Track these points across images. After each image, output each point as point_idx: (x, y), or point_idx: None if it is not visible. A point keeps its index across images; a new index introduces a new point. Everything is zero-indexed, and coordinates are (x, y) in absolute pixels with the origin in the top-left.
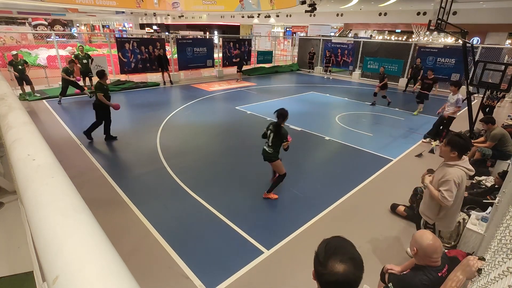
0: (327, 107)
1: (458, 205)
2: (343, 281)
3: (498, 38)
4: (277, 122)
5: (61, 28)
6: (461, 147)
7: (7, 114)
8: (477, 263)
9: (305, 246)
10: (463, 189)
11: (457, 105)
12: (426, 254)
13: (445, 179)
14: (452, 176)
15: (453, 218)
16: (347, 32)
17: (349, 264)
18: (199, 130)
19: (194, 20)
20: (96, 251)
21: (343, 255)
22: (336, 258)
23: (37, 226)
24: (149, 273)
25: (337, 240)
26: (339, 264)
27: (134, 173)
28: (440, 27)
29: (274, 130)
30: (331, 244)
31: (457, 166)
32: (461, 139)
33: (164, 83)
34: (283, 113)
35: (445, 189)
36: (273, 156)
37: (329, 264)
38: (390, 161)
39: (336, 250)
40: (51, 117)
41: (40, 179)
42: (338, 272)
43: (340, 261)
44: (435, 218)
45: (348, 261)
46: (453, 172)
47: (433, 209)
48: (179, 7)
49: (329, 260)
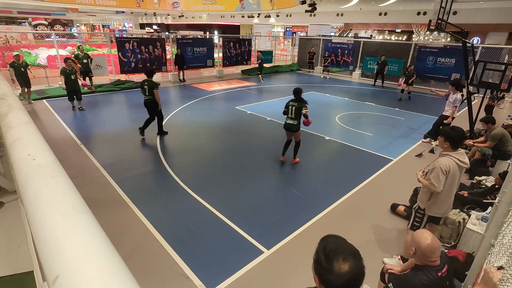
0: (327, 107)
1: (448, 191)
2: (351, 278)
3: (498, 38)
4: (296, 96)
5: (61, 28)
6: (452, 138)
7: (8, 113)
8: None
9: (305, 246)
10: (456, 179)
11: (454, 105)
12: (424, 254)
13: (433, 167)
14: (439, 164)
15: (444, 204)
16: (347, 32)
17: (352, 260)
18: (199, 130)
19: (194, 20)
20: (96, 251)
21: (343, 254)
22: (338, 259)
23: (37, 226)
24: (149, 273)
25: (332, 241)
26: (343, 264)
27: (134, 173)
28: (440, 27)
29: (297, 100)
30: (329, 247)
31: (448, 156)
32: (453, 131)
33: (180, 81)
34: (299, 90)
35: (432, 176)
36: (297, 126)
37: (335, 267)
38: (390, 161)
39: (336, 251)
40: (51, 117)
41: (40, 179)
42: (345, 271)
43: (343, 260)
44: (426, 203)
45: (349, 257)
46: (441, 160)
47: (424, 195)
48: (179, 7)
49: (333, 264)
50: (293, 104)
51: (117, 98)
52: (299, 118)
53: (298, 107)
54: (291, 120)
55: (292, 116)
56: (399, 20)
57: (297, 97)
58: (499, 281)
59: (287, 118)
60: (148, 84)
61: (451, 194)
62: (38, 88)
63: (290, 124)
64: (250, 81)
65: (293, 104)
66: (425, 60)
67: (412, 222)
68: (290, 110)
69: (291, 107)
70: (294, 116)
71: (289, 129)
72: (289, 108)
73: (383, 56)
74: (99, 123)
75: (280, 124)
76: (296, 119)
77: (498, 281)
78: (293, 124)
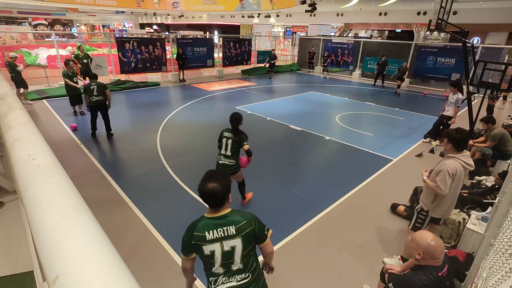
0: (327, 107)
1: (453, 194)
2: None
3: (498, 38)
4: (233, 126)
5: (61, 28)
6: (455, 140)
7: (8, 113)
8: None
9: (305, 246)
10: (461, 181)
11: (456, 105)
12: (433, 257)
13: (440, 170)
14: (446, 167)
15: (448, 206)
16: (347, 32)
17: (214, 183)
18: (199, 130)
19: (194, 20)
20: (96, 250)
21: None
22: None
23: (38, 226)
24: (149, 272)
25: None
26: (209, 183)
27: (134, 173)
28: (440, 27)
29: (233, 134)
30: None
31: (454, 159)
32: (457, 133)
33: (180, 81)
34: (237, 116)
35: (439, 178)
36: (236, 166)
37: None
38: (390, 161)
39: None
40: (51, 117)
41: (40, 178)
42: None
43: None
44: (429, 205)
45: (214, 181)
46: (448, 163)
47: (428, 197)
48: (179, 7)
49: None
50: (228, 136)
51: (117, 98)
52: (237, 156)
53: (235, 141)
54: (226, 159)
55: (227, 153)
56: (399, 20)
57: (234, 127)
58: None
59: (221, 155)
60: (97, 84)
61: (456, 196)
62: (38, 88)
63: (225, 165)
64: (250, 81)
65: (229, 136)
66: (425, 60)
67: (414, 223)
68: (225, 145)
69: (226, 140)
70: (231, 153)
71: (227, 171)
72: (224, 142)
73: (383, 56)
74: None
75: (280, 124)
76: (233, 157)
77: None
78: (229, 164)
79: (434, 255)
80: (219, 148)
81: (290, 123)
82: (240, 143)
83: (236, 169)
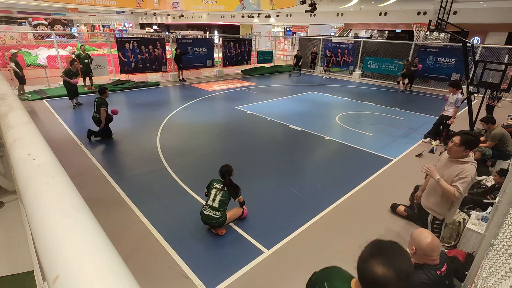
0: (327, 107)
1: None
2: (380, 282)
3: (499, 38)
4: (226, 180)
5: (61, 28)
6: (472, 143)
7: (8, 113)
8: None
9: (305, 246)
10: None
11: (455, 105)
12: (425, 253)
13: (464, 176)
14: (470, 173)
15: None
16: (347, 32)
17: (391, 271)
18: (199, 130)
19: (194, 20)
20: (96, 250)
21: (388, 259)
22: (379, 260)
23: (37, 226)
24: (149, 272)
25: (389, 243)
26: (379, 267)
27: (134, 173)
28: (440, 27)
29: (226, 187)
30: (380, 245)
31: (470, 163)
32: (471, 136)
33: (180, 81)
34: (228, 169)
35: (464, 186)
36: (223, 218)
37: (369, 263)
38: (390, 161)
39: (381, 252)
40: (51, 117)
41: (40, 178)
42: (377, 273)
43: (382, 264)
44: (446, 212)
45: (391, 268)
46: (470, 169)
47: (445, 205)
48: (179, 7)
49: (370, 259)
50: (218, 187)
51: (117, 98)
52: (224, 208)
53: (226, 193)
54: (211, 210)
55: (214, 204)
56: (399, 20)
57: (227, 181)
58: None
59: (206, 206)
60: (98, 100)
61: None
62: (38, 88)
63: (210, 216)
64: (250, 81)
65: (219, 188)
66: (425, 60)
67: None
68: (213, 196)
69: (216, 191)
70: (218, 205)
71: (209, 222)
72: (212, 192)
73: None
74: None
75: (280, 124)
76: (219, 209)
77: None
78: (214, 216)
79: (427, 252)
80: (206, 196)
81: (290, 123)
82: (233, 196)
83: (221, 223)
